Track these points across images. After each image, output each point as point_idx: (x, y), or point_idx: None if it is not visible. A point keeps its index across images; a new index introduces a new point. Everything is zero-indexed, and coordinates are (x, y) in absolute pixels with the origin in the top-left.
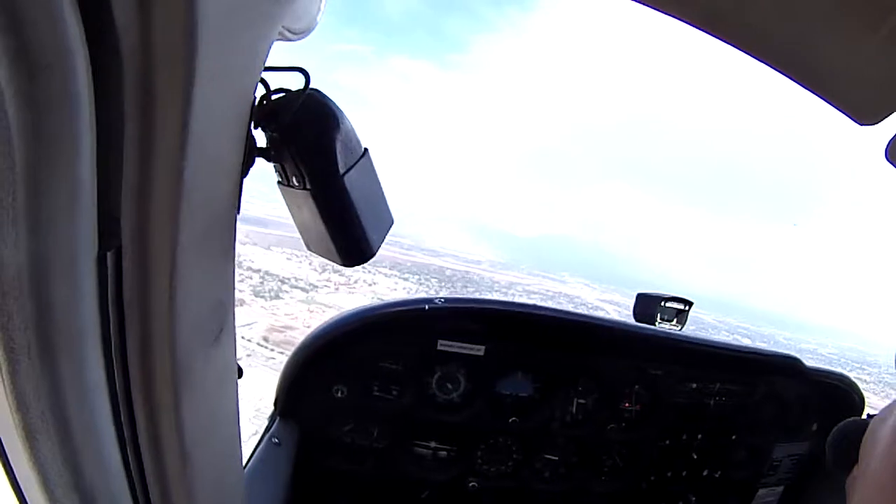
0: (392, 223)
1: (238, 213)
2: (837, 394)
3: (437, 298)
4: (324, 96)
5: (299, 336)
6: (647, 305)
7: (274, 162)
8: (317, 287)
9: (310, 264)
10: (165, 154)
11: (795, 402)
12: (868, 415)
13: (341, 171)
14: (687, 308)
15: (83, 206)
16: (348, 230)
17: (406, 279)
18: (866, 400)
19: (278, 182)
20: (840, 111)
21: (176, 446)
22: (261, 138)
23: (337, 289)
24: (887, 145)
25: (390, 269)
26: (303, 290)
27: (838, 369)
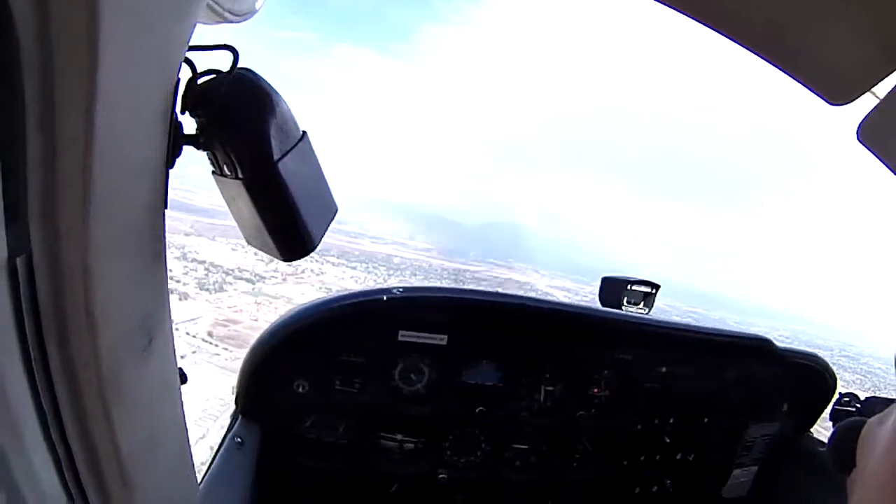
0: (335, 211)
1: (165, 208)
2: (809, 374)
3: (395, 288)
4: (256, 76)
5: (244, 330)
6: (613, 289)
7: (204, 150)
8: (263, 278)
9: (255, 254)
10: (70, 148)
11: (767, 384)
12: (853, 404)
13: (275, 156)
14: (654, 291)
15: None
16: (285, 221)
17: (354, 268)
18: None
19: (212, 172)
20: (812, 91)
21: (115, 469)
22: (191, 125)
23: (284, 279)
24: (859, 126)
25: (338, 257)
26: (248, 281)
27: (809, 349)
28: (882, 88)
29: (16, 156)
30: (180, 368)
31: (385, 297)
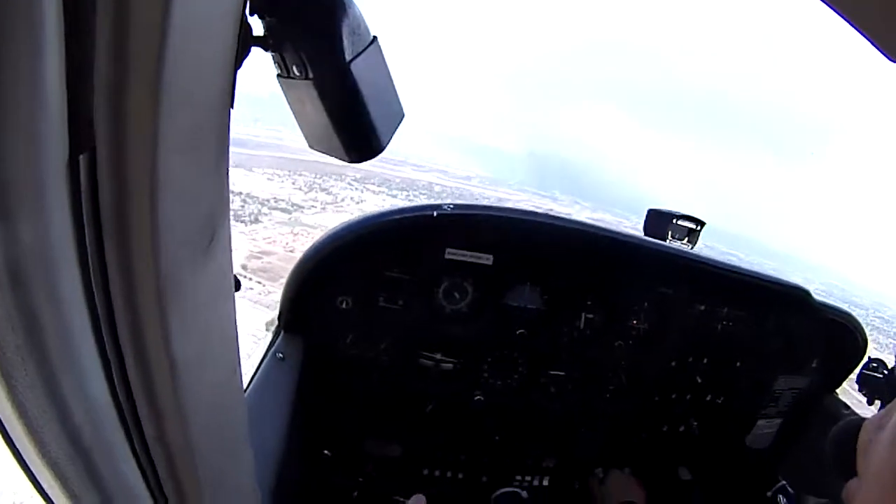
0: (403, 117)
1: (232, 108)
2: (842, 332)
3: (445, 204)
4: None
5: (277, 263)
6: (659, 222)
7: (272, 51)
8: (301, 207)
9: (293, 184)
10: (142, 44)
11: (800, 336)
12: (881, 370)
13: (348, 57)
14: (699, 228)
15: (49, 104)
16: (355, 121)
17: (394, 196)
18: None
19: (277, 75)
20: (873, 45)
21: (166, 367)
22: (258, 28)
23: (324, 208)
24: None
25: (378, 185)
26: (284, 211)
27: (844, 307)
28: None
29: (84, 55)
30: (235, 275)
31: (435, 213)
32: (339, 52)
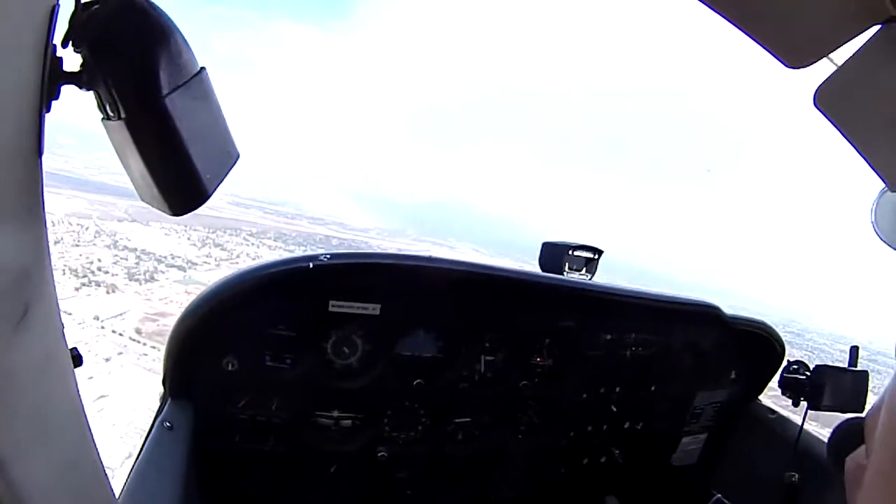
0: (237, 158)
1: (41, 156)
2: (757, 342)
3: (322, 255)
4: (149, 3)
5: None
6: (554, 254)
7: (87, 89)
8: (195, 264)
9: (188, 239)
10: None
11: (714, 351)
12: (802, 372)
13: (163, 91)
14: (597, 257)
15: None
16: (172, 165)
17: (291, 251)
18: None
19: (101, 120)
20: (770, 53)
21: None
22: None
23: (218, 264)
24: (816, 91)
25: (275, 240)
26: (180, 268)
27: (758, 317)
28: (840, 55)
29: None
30: (74, 348)
31: (311, 265)
32: (151, 86)
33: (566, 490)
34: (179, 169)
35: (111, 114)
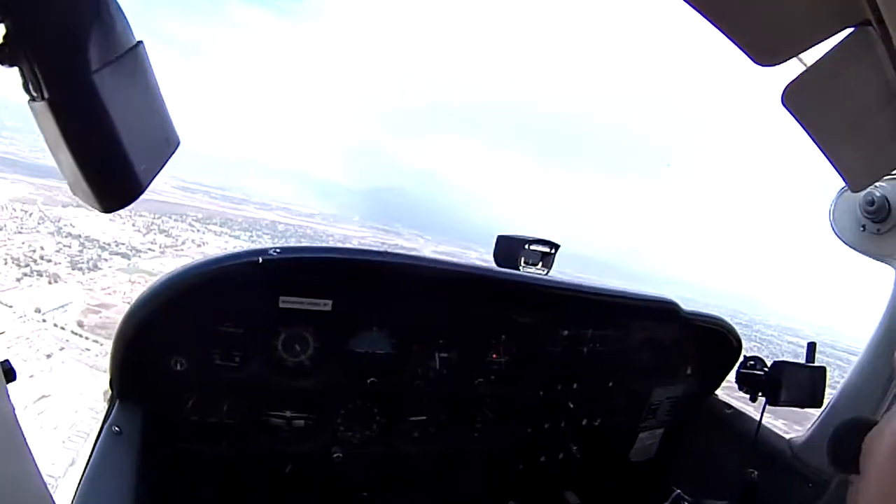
0: (176, 145)
1: None
2: (714, 337)
3: (272, 249)
4: None
5: (116, 316)
6: (510, 248)
7: (10, 65)
8: (139, 252)
9: (133, 225)
10: None
11: (671, 347)
12: (759, 367)
13: (93, 67)
14: (553, 251)
15: None
16: (100, 153)
17: (237, 237)
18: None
19: (28, 101)
20: (740, 49)
21: None
22: None
23: (163, 251)
24: (784, 90)
25: (220, 226)
26: (124, 256)
27: (714, 312)
28: (810, 55)
29: None
30: (6, 361)
31: (260, 259)
32: (77, 62)
33: (524, 487)
34: (109, 157)
35: (34, 94)
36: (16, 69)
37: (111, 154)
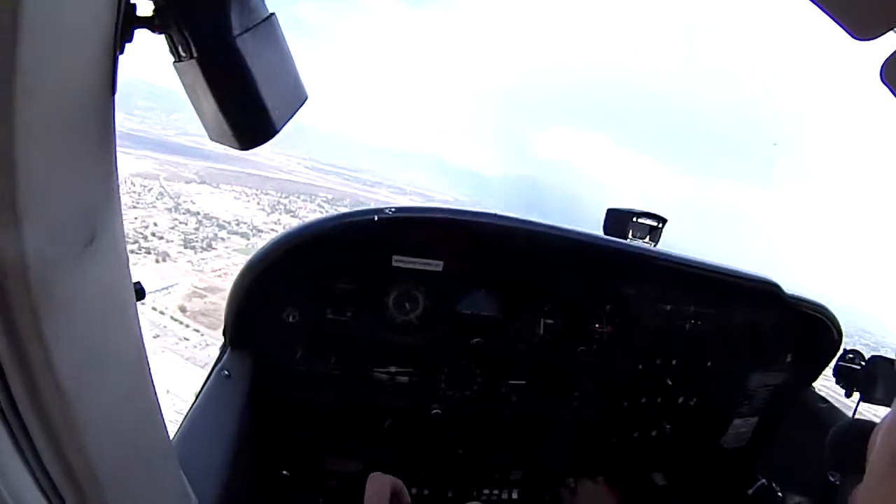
0: (305, 98)
1: (114, 94)
2: (816, 325)
3: (388, 208)
4: None
5: (223, 303)
6: (618, 221)
7: (160, 32)
8: (261, 232)
9: (258, 204)
10: None
11: (772, 331)
12: (857, 361)
13: (235, 32)
14: (661, 225)
15: None
16: (242, 101)
17: None
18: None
19: (173, 63)
20: (837, 23)
21: (54, 391)
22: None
23: None
24: (883, 64)
25: (350, 208)
26: (243, 235)
27: (818, 300)
28: None
29: None
30: (138, 282)
31: (376, 217)
32: (223, 27)
33: (615, 462)
34: (249, 105)
35: (183, 54)
36: (163, 37)
37: (251, 102)
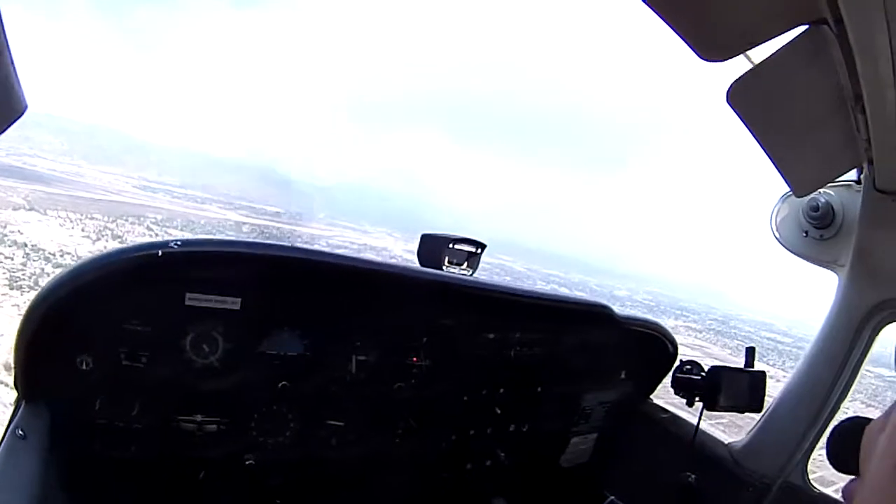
0: (21, 112)
1: None
2: (649, 341)
3: (173, 241)
4: None
5: None
6: (433, 247)
7: None
8: None
9: (82, 230)
10: None
11: (604, 351)
12: (695, 372)
13: None
14: (479, 251)
15: None
16: None
17: None
18: (679, 347)
19: None
20: (687, 44)
21: None
22: None
23: None
24: (729, 88)
25: (181, 229)
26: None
27: (649, 316)
28: (757, 53)
29: None
30: None
31: (160, 252)
32: None
33: (451, 495)
34: None
35: None
36: None
37: None
